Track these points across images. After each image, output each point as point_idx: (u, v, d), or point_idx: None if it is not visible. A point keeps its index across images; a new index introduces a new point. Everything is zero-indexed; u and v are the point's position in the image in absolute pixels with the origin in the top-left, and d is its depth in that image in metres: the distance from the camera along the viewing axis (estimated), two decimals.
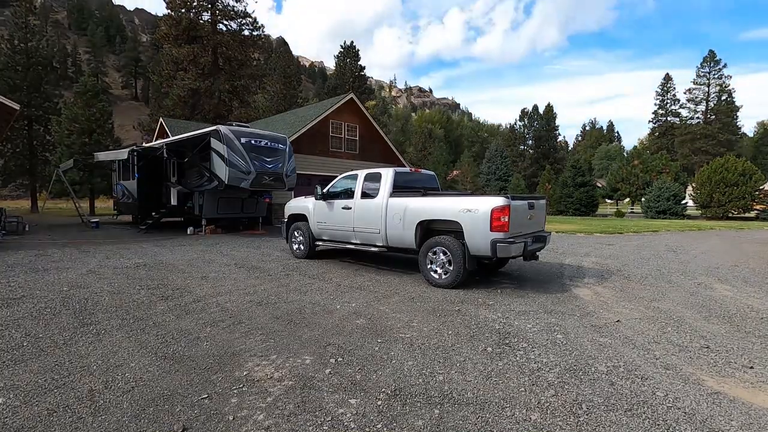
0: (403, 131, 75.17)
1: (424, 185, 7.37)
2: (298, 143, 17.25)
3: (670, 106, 66.78)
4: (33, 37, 27.46)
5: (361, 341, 3.66)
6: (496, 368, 3.12)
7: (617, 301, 5.25)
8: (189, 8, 34.98)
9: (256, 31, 37.96)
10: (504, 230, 5.31)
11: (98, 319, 4.19)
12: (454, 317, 4.41)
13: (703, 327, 4.21)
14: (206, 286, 5.76)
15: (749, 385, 2.92)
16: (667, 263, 8.38)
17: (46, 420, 2.36)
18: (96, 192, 26.85)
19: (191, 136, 12.97)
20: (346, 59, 55.88)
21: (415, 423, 2.36)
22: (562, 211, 34.11)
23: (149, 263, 7.49)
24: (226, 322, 4.15)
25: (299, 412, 2.46)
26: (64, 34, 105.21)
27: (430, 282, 5.97)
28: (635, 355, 3.40)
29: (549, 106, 67.41)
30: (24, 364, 3.10)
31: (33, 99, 26.55)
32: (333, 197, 7.58)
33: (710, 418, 2.45)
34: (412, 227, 6.20)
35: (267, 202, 14.58)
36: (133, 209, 15.32)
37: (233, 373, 2.98)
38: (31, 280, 5.99)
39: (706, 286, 6.19)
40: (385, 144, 21.97)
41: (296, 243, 8.46)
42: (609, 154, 66.87)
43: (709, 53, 60.24)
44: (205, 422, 2.35)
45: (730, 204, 28.03)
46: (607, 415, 2.46)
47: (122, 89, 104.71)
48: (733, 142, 58.22)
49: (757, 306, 5.08)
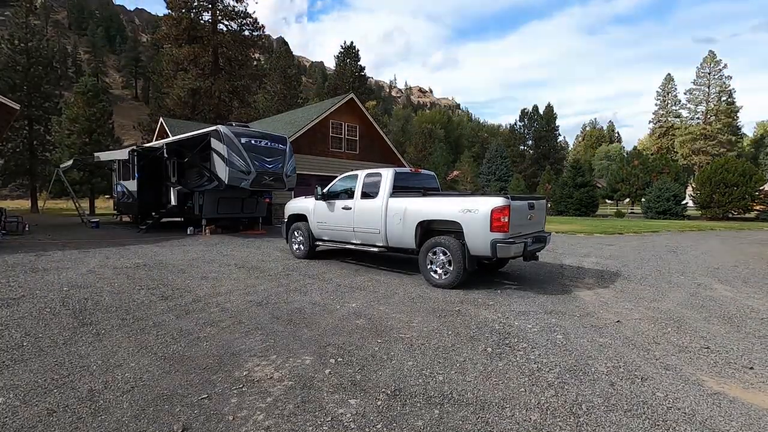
0: (403, 131, 75.16)
1: (424, 185, 7.37)
2: (298, 143, 17.25)
3: (670, 107, 66.84)
4: (33, 37, 27.45)
5: (361, 341, 3.66)
6: (496, 368, 3.12)
7: (617, 301, 5.25)
8: (189, 8, 35.02)
9: (257, 31, 38.01)
10: (504, 230, 5.31)
11: (98, 319, 4.19)
12: (454, 317, 4.41)
13: (703, 327, 4.21)
14: (206, 286, 5.76)
15: (749, 385, 2.92)
16: (667, 264, 8.38)
17: (46, 420, 2.36)
18: (96, 192, 26.88)
19: (191, 136, 12.96)
20: (346, 59, 55.87)
21: (415, 423, 2.36)
22: (562, 212, 34.08)
23: (149, 263, 7.48)
24: (226, 322, 4.15)
25: (299, 412, 2.46)
26: (64, 34, 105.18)
27: (430, 282, 5.96)
28: (635, 356, 3.40)
29: (549, 106, 67.49)
30: (24, 364, 3.10)
31: (33, 99, 26.55)
32: (333, 197, 7.58)
33: (710, 419, 2.45)
34: (412, 227, 6.19)
35: (267, 202, 14.57)
36: (133, 209, 15.31)
37: (233, 373, 2.98)
38: (31, 280, 5.99)
39: (706, 287, 6.19)
40: (385, 144, 21.97)
41: (296, 243, 8.46)
42: (609, 155, 66.91)
43: (709, 54, 60.34)
44: (205, 422, 2.35)
45: (730, 204, 28.03)
46: (607, 416, 2.46)
47: (122, 89, 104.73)
48: (733, 143, 58.24)
49: (757, 306, 5.08)
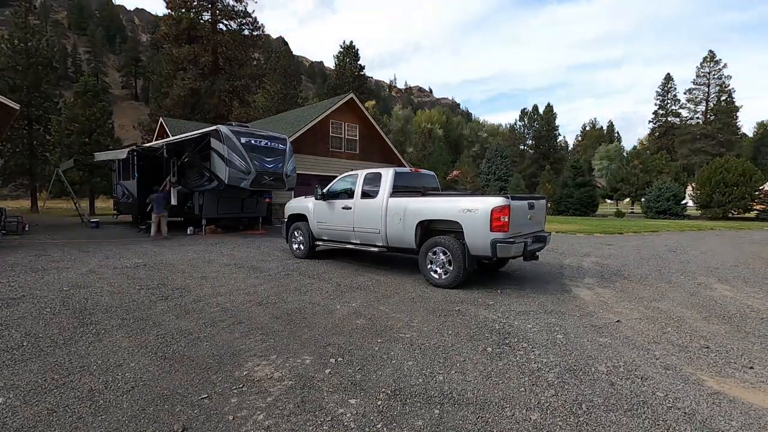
0: (403, 131, 75.06)
1: (424, 185, 7.38)
2: (298, 143, 17.24)
3: (670, 106, 66.80)
4: (33, 37, 27.44)
5: (361, 341, 3.66)
6: (496, 368, 3.12)
7: (617, 301, 5.25)
8: (189, 8, 35.05)
9: (256, 31, 38.02)
10: (504, 230, 5.31)
11: (98, 319, 4.19)
12: (454, 317, 4.41)
13: (703, 327, 4.21)
14: (206, 286, 5.76)
15: (749, 385, 2.92)
16: (667, 263, 8.38)
17: (46, 420, 2.36)
18: (96, 192, 26.88)
19: (191, 136, 12.97)
20: (346, 59, 55.84)
21: (415, 423, 2.36)
22: (562, 211, 34.06)
23: (149, 263, 7.48)
24: (226, 322, 4.15)
25: (299, 412, 2.46)
26: (64, 34, 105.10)
27: (430, 282, 5.97)
28: (635, 355, 3.40)
29: (549, 106, 67.50)
30: (24, 364, 3.10)
31: (33, 99, 26.55)
32: (333, 197, 7.58)
33: (710, 419, 2.45)
34: (412, 227, 6.20)
35: (267, 202, 14.58)
36: (133, 209, 15.31)
37: (233, 373, 2.98)
38: (31, 280, 5.99)
39: (706, 287, 6.19)
40: (385, 144, 21.95)
41: (296, 243, 8.46)
42: (609, 155, 66.88)
43: (709, 53, 60.25)
44: (205, 422, 2.35)
45: (730, 204, 28.01)
46: (607, 415, 2.46)
47: (122, 89, 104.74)
48: (733, 143, 58.21)
49: (757, 306, 5.08)
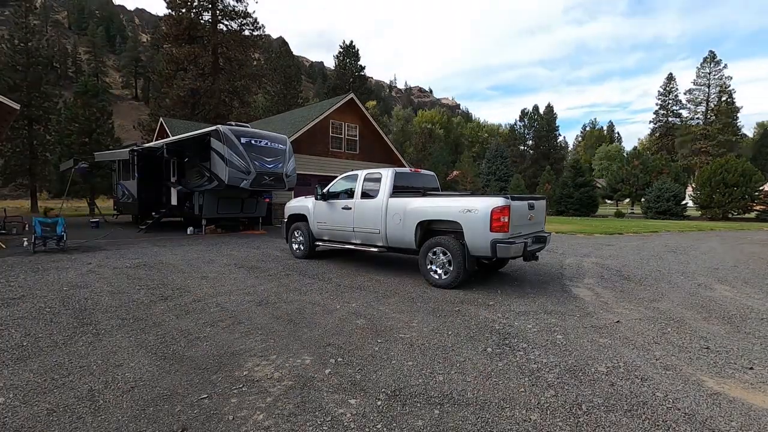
0: (404, 131, 75.13)
1: (424, 185, 7.38)
2: (298, 143, 17.25)
3: (671, 107, 66.81)
4: (33, 37, 27.50)
5: (361, 341, 3.66)
6: (496, 368, 3.12)
7: (617, 301, 5.25)
8: (189, 8, 35.01)
9: (257, 31, 37.98)
10: (504, 230, 5.31)
11: (98, 319, 4.19)
12: (454, 317, 4.41)
13: (703, 328, 4.21)
14: (206, 286, 5.76)
15: (749, 385, 2.92)
16: (667, 264, 8.38)
17: (46, 420, 2.36)
18: (96, 192, 26.87)
19: (191, 136, 12.97)
20: (346, 59, 55.88)
21: (415, 423, 2.36)
22: (562, 212, 34.08)
23: (149, 263, 7.49)
24: (225, 322, 4.15)
25: (299, 412, 2.46)
26: (64, 34, 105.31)
27: (430, 282, 5.96)
28: (635, 356, 3.40)
29: (549, 107, 67.50)
30: (24, 364, 3.10)
31: (33, 99, 26.59)
32: (333, 197, 7.58)
33: (710, 419, 2.45)
34: (412, 227, 6.19)
35: (267, 202, 14.59)
36: (133, 209, 15.32)
37: (233, 373, 2.98)
38: (31, 280, 5.99)
39: (706, 287, 6.19)
40: (386, 144, 21.96)
41: (296, 243, 8.46)
42: (609, 155, 66.93)
43: (710, 54, 60.29)
44: (205, 422, 2.35)
45: (730, 205, 28.03)
46: (606, 416, 2.46)
47: (122, 89, 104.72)
48: (733, 143, 58.21)
49: (757, 307, 5.07)
